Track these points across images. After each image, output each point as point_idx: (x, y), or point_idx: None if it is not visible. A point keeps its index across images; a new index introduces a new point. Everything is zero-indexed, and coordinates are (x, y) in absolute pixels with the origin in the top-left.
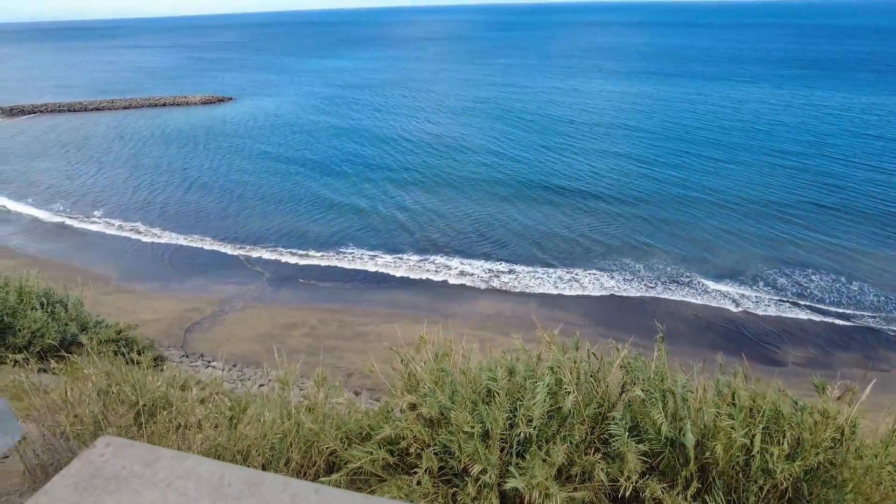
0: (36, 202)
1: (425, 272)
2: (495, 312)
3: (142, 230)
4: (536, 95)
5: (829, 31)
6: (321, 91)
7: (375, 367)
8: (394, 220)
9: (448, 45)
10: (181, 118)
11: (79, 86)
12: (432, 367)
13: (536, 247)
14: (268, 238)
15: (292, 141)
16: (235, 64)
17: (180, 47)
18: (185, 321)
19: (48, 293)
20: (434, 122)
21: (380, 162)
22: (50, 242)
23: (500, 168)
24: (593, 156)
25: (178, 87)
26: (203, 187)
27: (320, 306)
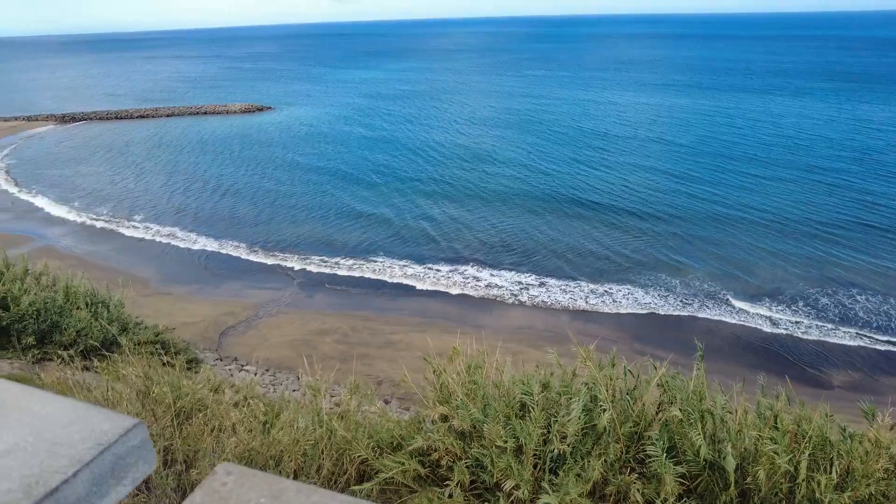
0: (81, 205)
1: (455, 283)
2: (526, 325)
3: (179, 235)
4: (569, 107)
5: (872, 42)
6: (354, 101)
7: (407, 377)
8: (423, 231)
9: (479, 56)
10: (221, 126)
11: (125, 94)
12: (465, 378)
13: (567, 261)
14: (301, 245)
15: (326, 150)
16: (272, 74)
17: (219, 58)
18: (220, 325)
19: (92, 294)
20: (464, 134)
21: (410, 173)
22: (93, 244)
23: (531, 181)
24: (626, 170)
25: (218, 97)
26: (239, 194)
27: (352, 313)
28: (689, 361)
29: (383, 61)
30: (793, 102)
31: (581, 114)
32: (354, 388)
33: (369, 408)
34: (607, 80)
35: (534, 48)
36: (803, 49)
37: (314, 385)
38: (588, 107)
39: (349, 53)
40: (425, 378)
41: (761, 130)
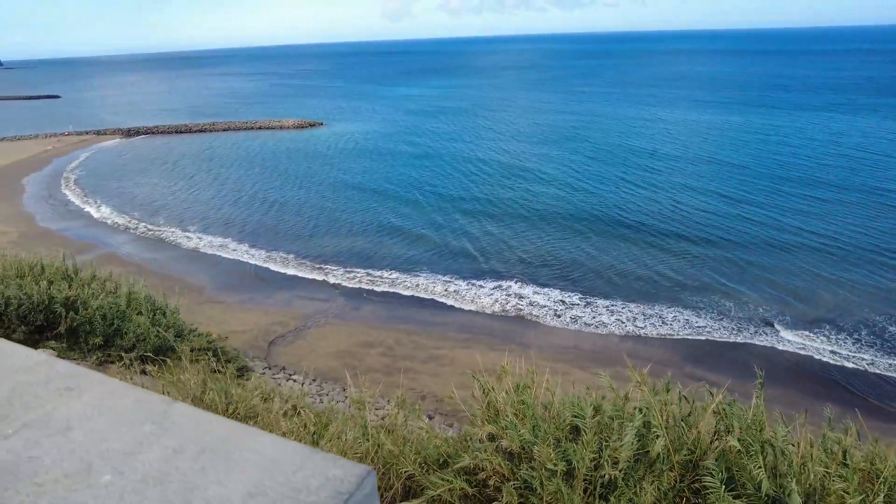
0: (141, 215)
1: (499, 300)
2: (572, 345)
3: (231, 246)
4: (616, 124)
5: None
6: (401, 118)
7: (455, 394)
8: (467, 248)
9: (526, 73)
10: (275, 141)
11: (184, 109)
12: (513, 398)
13: (614, 282)
14: (347, 259)
15: (373, 166)
16: (324, 90)
17: (274, 74)
18: (269, 334)
19: (151, 300)
20: (508, 151)
21: (454, 190)
22: (151, 253)
23: (576, 200)
24: (676, 190)
25: (272, 112)
26: (289, 207)
27: (397, 327)
28: (746, 389)
29: (431, 78)
30: (854, 120)
31: (629, 131)
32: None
33: (416, 423)
34: (657, 97)
35: (582, 64)
36: (863, 63)
37: (360, 398)
38: (636, 124)
39: (399, 70)
40: (472, 395)
41: (820, 150)
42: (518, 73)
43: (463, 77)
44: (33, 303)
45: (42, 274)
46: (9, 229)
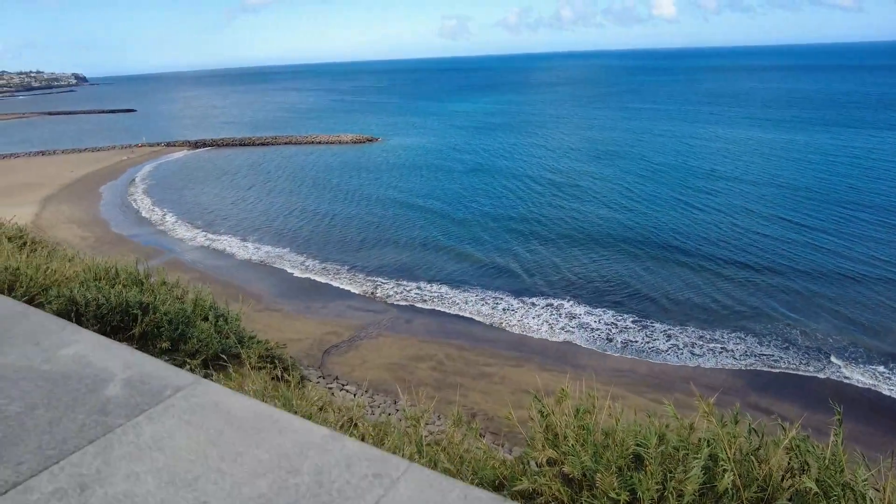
0: (204, 223)
1: (550, 320)
2: (628, 368)
3: (290, 256)
4: (673, 143)
5: None
6: (455, 133)
7: (512, 415)
8: (519, 266)
9: (581, 89)
10: (333, 155)
11: (247, 123)
12: (573, 422)
13: (669, 307)
14: (400, 272)
15: (427, 182)
16: (381, 106)
17: (333, 90)
18: (323, 343)
19: (214, 307)
20: (561, 169)
21: (507, 208)
22: (212, 260)
23: (629, 221)
24: (736, 213)
25: (330, 127)
26: (346, 220)
27: (448, 342)
28: (815, 424)
29: (486, 94)
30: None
31: (686, 150)
32: (458, 421)
33: (475, 443)
34: (717, 115)
35: (638, 81)
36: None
37: (414, 414)
38: (694, 142)
39: (454, 87)
40: (530, 417)
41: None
42: (572, 88)
43: (517, 93)
44: (111, 305)
45: (117, 277)
46: (87, 234)
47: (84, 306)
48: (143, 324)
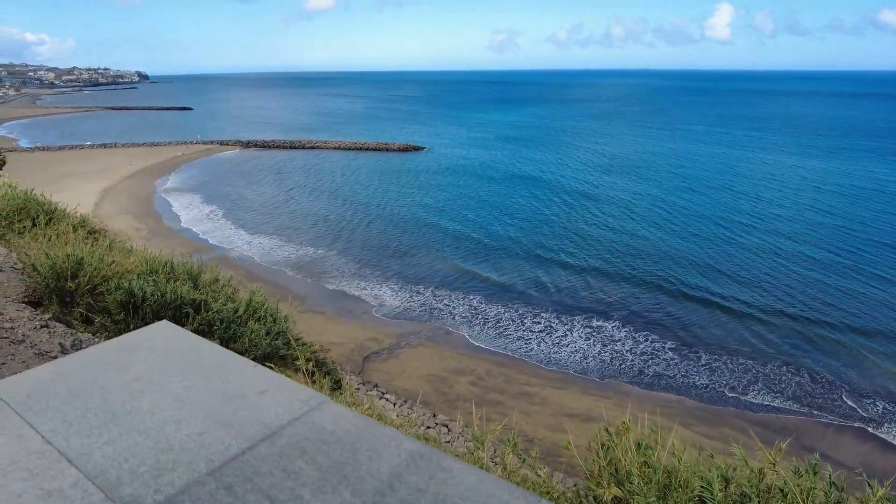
0: (251, 221)
1: (592, 342)
2: (675, 399)
3: (333, 258)
4: (720, 166)
5: None
6: (501, 146)
7: (571, 447)
8: (562, 285)
9: (628, 106)
10: (381, 162)
11: (298, 125)
12: (636, 458)
13: (713, 339)
14: (444, 282)
15: (474, 192)
16: (427, 115)
17: (384, 98)
18: (364, 349)
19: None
20: (605, 186)
21: (550, 224)
22: (259, 258)
23: (673, 248)
24: (782, 248)
25: (378, 133)
26: (392, 226)
27: (487, 357)
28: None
29: (532, 107)
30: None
31: (732, 174)
32: (514, 445)
33: (535, 472)
34: (767, 140)
35: (689, 100)
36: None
37: (480, 436)
38: (741, 167)
39: (501, 99)
40: (589, 448)
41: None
42: (619, 105)
43: (564, 108)
44: (166, 300)
45: (172, 272)
46: (141, 225)
47: (142, 300)
48: (196, 321)
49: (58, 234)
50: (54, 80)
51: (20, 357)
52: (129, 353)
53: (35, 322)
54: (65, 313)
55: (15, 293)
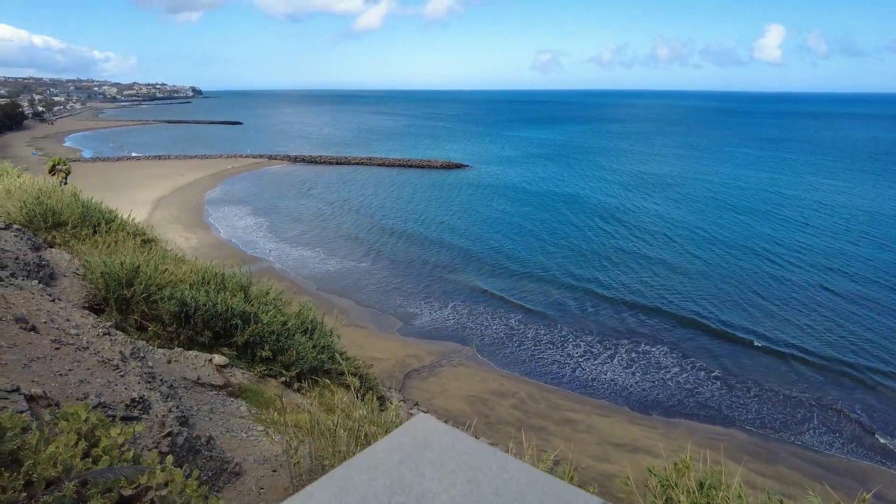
0: (297, 233)
1: (639, 369)
2: (724, 432)
3: (378, 272)
4: (766, 190)
5: None
6: (543, 165)
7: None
8: (605, 309)
9: (673, 127)
10: (425, 180)
11: (343, 142)
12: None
13: (768, 372)
14: (487, 300)
15: (518, 213)
16: (468, 134)
17: (428, 116)
18: (405, 366)
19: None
20: (648, 209)
21: (596, 241)
22: (304, 270)
23: (718, 270)
24: (835, 283)
25: (421, 151)
26: (436, 244)
27: (530, 380)
28: None
29: (574, 126)
30: None
31: (779, 199)
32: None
33: None
34: (818, 164)
35: (736, 122)
36: None
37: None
38: (789, 192)
39: (543, 118)
40: (647, 486)
41: None
42: (663, 126)
43: (605, 125)
44: (217, 311)
45: (222, 283)
46: (191, 235)
47: (193, 310)
48: (246, 333)
49: (115, 241)
50: (116, 94)
51: (85, 364)
52: (400, 460)
53: (98, 329)
54: (121, 320)
55: (77, 298)
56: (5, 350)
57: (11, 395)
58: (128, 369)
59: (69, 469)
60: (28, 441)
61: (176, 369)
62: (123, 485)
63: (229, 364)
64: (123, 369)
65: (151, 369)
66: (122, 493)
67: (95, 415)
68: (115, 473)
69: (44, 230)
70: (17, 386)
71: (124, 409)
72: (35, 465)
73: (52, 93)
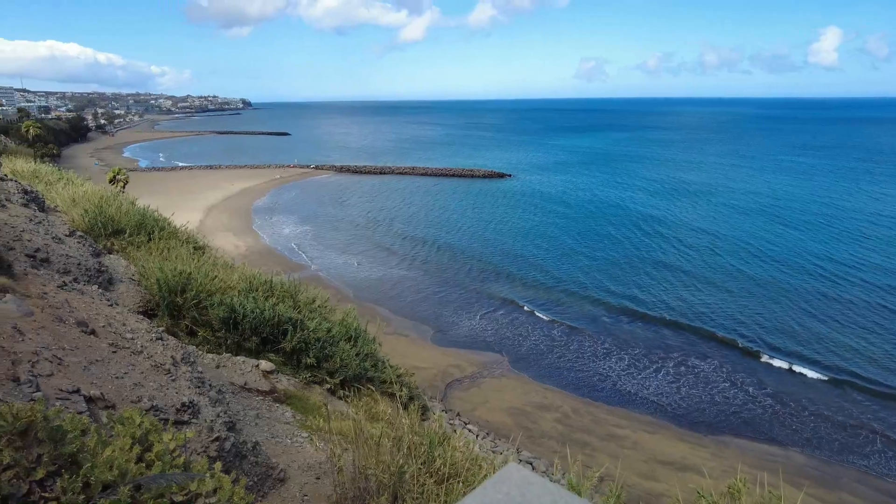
0: (342, 242)
1: (687, 384)
2: (781, 453)
3: (422, 281)
4: (816, 198)
5: None
6: (587, 174)
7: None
8: (654, 322)
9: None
10: (467, 189)
11: (387, 151)
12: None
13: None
14: (528, 312)
15: (563, 223)
16: (511, 143)
17: (467, 125)
18: (446, 376)
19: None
20: (695, 219)
21: (644, 255)
22: (348, 278)
23: (773, 277)
24: (891, 297)
25: (464, 160)
26: (481, 253)
27: (574, 394)
28: None
29: (617, 133)
30: None
31: (834, 211)
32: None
33: None
34: (883, 173)
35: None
36: None
37: (576, 483)
38: (845, 204)
39: (585, 126)
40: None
41: None
42: (708, 133)
43: (648, 133)
44: (265, 318)
45: (271, 290)
46: (239, 243)
47: (242, 316)
48: (293, 339)
49: (168, 248)
50: (171, 106)
51: (139, 368)
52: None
53: (151, 334)
54: (172, 325)
55: (133, 303)
56: (67, 352)
57: (72, 396)
58: (178, 374)
59: (124, 473)
60: (87, 444)
61: (224, 374)
62: (175, 491)
63: (275, 370)
64: (174, 374)
65: (201, 374)
66: (173, 499)
67: (149, 419)
68: (167, 479)
69: (103, 237)
70: (78, 387)
71: (175, 413)
72: (92, 468)
73: (114, 106)
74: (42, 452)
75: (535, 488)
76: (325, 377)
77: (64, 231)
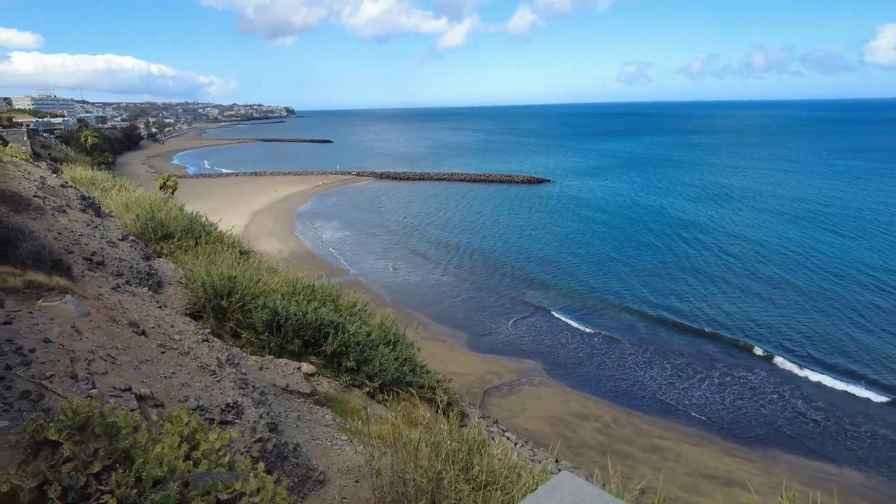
0: (382, 247)
1: (734, 394)
2: (836, 471)
3: (461, 287)
4: (870, 204)
5: None
6: (627, 179)
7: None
8: (695, 327)
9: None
10: (507, 195)
11: (426, 157)
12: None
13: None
14: (567, 319)
15: (606, 230)
16: (551, 148)
17: (507, 131)
18: (484, 382)
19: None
20: (740, 226)
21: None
22: (387, 282)
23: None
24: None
25: (503, 166)
26: (515, 258)
27: (615, 404)
28: None
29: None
30: None
31: (889, 215)
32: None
33: None
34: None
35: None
36: None
37: (616, 495)
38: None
39: (627, 130)
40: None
41: None
42: (758, 138)
43: (692, 137)
44: (307, 321)
45: (313, 294)
46: (282, 247)
47: (285, 319)
48: (334, 342)
49: (215, 252)
50: (217, 115)
51: (186, 368)
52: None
53: (198, 336)
54: (217, 327)
55: (180, 305)
56: (120, 352)
57: (124, 394)
58: (223, 375)
59: (173, 470)
60: (138, 440)
61: (266, 376)
62: (220, 489)
63: (317, 373)
64: (219, 374)
65: (244, 375)
66: (218, 497)
67: (196, 419)
68: (213, 478)
69: (153, 241)
70: (130, 385)
71: (220, 413)
72: (144, 463)
73: (164, 115)
74: (98, 447)
75: (589, 497)
76: (364, 380)
77: (117, 235)
